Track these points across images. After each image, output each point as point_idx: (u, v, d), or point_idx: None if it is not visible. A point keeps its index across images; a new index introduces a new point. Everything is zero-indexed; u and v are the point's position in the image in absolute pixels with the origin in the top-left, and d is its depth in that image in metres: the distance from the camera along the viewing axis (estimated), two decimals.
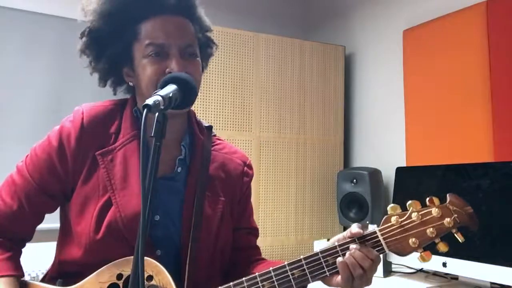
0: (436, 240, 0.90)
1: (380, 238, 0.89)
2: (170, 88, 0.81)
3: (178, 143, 1.04)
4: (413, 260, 2.01)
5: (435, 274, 2.05)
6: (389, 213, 0.92)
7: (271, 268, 0.88)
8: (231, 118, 2.53)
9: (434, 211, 0.90)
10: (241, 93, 2.59)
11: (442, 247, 0.89)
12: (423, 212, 0.91)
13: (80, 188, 0.97)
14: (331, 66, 2.89)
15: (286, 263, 0.88)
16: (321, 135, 2.83)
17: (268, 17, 3.24)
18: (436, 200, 0.92)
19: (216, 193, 1.04)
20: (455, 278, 1.94)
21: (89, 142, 0.98)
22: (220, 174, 1.06)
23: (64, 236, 1.01)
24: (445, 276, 2.00)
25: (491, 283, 1.77)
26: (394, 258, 2.10)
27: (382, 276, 2.03)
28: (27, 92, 2.40)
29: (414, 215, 0.90)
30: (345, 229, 2.96)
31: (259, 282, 0.86)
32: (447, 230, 0.90)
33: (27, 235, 1.03)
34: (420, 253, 0.89)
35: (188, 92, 0.86)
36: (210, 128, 1.13)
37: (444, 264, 1.87)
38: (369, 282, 0.89)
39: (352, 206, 2.53)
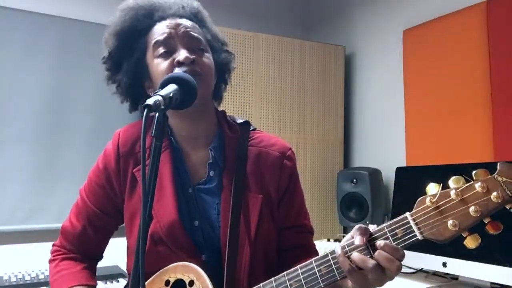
0: (486, 220, 0.74)
1: (412, 223, 0.77)
2: (171, 88, 0.81)
3: (207, 147, 1.03)
4: (413, 260, 2.02)
5: (435, 274, 2.05)
6: (427, 193, 0.78)
7: (298, 266, 0.84)
8: None
9: (478, 185, 0.74)
10: (241, 93, 2.59)
11: (492, 228, 0.74)
12: (463, 188, 0.75)
13: (127, 205, 1.03)
14: (331, 66, 2.89)
15: (313, 259, 0.83)
16: (321, 135, 2.83)
17: (268, 17, 3.24)
18: (483, 173, 0.75)
19: (253, 191, 1.00)
20: (455, 278, 1.94)
21: (127, 161, 1.03)
22: (256, 170, 1.02)
23: (127, 251, 1.08)
24: (445, 276, 2.00)
25: (491, 283, 1.77)
26: None
27: None
28: (27, 92, 2.39)
29: (452, 193, 0.75)
30: (345, 229, 2.94)
31: (287, 281, 0.83)
32: (497, 206, 0.73)
33: (97, 252, 1.12)
34: (466, 236, 0.75)
35: (188, 91, 0.85)
36: (246, 123, 1.11)
37: (444, 264, 1.87)
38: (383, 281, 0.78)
39: (352, 206, 2.53)
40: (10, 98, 2.35)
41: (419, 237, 0.76)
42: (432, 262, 1.93)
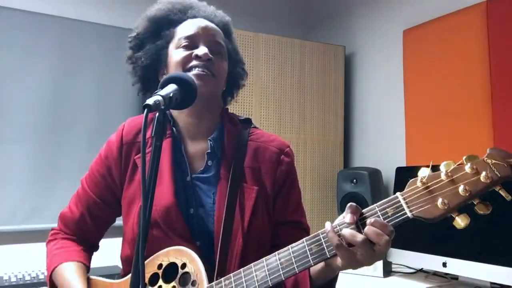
0: (475, 201, 0.75)
1: (402, 202, 0.78)
2: (171, 88, 0.81)
3: (207, 138, 1.07)
4: (413, 260, 2.02)
5: (435, 274, 2.05)
6: (418, 176, 0.80)
7: (289, 246, 0.85)
8: None
9: (468, 167, 0.76)
10: (241, 93, 2.59)
11: (482, 208, 0.75)
12: (453, 169, 0.77)
13: (126, 191, 1.06)
14: (331, 66, 2.89)
15: (304, 239, 0.85)
16: (321, 135, 2.83)
17: (268, 17, 3.24)
18: (473, 157, 0.77)
19: (249, 183, 1.03)
20: (455, 278, 1.94)
21: (129, 150, 1.07)
22: (254, 164, 1.05)
23: (122, 238, 1.10)
24: (445, 276, 2.00)
25: (491, 283, 1.77)
26: (394, 258, 2.10)
27: (382, 276, 2.03)
28: (27, 92, 2.39)
29: (442, 174, 0.77)
30: None
31: (278, 260, 0.85)
32: (486, 187, 0.75)
33: (93, 240, 1.16)
34: (455, 216, 0.76)
35: (188, 91, 0.86)
36: (247, 120, 1.16)
37: (444, 264, 1.87)
38: (373, 258, 0.79)
39: None
40: (10, 98, 2.36)
41: (409, 215, 0.78)
42: (432, 262, 1.93)
